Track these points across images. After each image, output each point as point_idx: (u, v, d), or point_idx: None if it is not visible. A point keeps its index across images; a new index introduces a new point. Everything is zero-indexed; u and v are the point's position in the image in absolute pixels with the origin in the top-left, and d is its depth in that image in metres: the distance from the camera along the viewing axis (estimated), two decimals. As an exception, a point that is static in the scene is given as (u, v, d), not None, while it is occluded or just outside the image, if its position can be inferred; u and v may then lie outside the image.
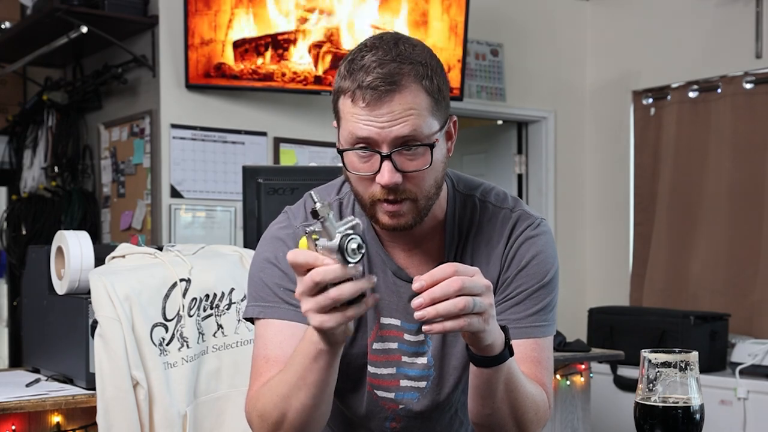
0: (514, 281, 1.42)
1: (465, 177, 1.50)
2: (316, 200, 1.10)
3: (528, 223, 1.45)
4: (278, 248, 1.42)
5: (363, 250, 1.10)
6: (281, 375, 1.30)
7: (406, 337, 1.43)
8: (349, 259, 1.10)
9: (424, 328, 1.14)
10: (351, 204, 1.47)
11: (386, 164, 1.28)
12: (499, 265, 1.43)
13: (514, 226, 1.44)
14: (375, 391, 1.46)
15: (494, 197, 1.47)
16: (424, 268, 1.41)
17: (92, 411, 2.22)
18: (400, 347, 1.43)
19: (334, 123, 1.39)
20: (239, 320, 2.41)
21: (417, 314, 1.13)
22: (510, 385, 1.29)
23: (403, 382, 1.45)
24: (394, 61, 1.28)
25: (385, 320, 1.43)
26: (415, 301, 1.13)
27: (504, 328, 1.25)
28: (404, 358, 1.44)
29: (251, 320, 1.44)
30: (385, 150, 1.28)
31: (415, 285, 1.13)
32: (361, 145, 1.29)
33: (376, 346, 1.43)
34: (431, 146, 1.30)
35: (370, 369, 1.45)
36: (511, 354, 1.26)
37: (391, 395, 1.46)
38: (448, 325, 1.14)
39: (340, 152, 1.33)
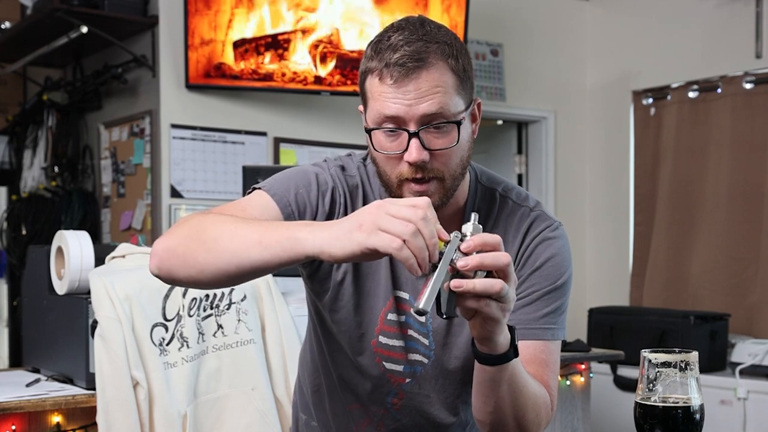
0: (528, 281, 1.42)
1: (489, 171, 1.53)
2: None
3: (546, 225, 1.46)
4: (316, 174, 1.43)
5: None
6: (248, 224, 1.21)
7: (413, 311, 1.43)
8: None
9: (453, 283, 1.11)
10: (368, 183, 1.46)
11: (414, 142, 1.30)
12: (513, 262, 1.43)
13: (531, 225, 1.45)
14: (384, 363, 1.46)
15: (515, 194, 1.49)
16: None
17: (92, 411, 2.22)
18: (407, 320, 1.44)
19: (360, 107, 1.40)
20: (239, 320, 2.41)
21: (455, 282, 1.11)
22: (513, 385, 1.29)
23: (411, 356, 1.46)
24: (420, 39, 1.30)
25: (398, 293, 1.44)
26: (461, 262, 1.11)
27: (510, 328, 1.25)
28: (410, 332, 1.45)
29: (255, 189, 1.41)
30: (412, 128, 1.30)
31: (464, 245, 1.11)
32: (389, 123, 1.31)
33: (390, 317, 1.44)
34: (458, 124, 1.33)
35: (381, 339, 1.45)
36: (516, 355, 1.25)
37: (400, 368, 1.46)
38: (471, 302, 1.13)
39: (368, 132, 1.35)
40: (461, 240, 1.12)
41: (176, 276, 1.25)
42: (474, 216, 1.15)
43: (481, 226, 1.14)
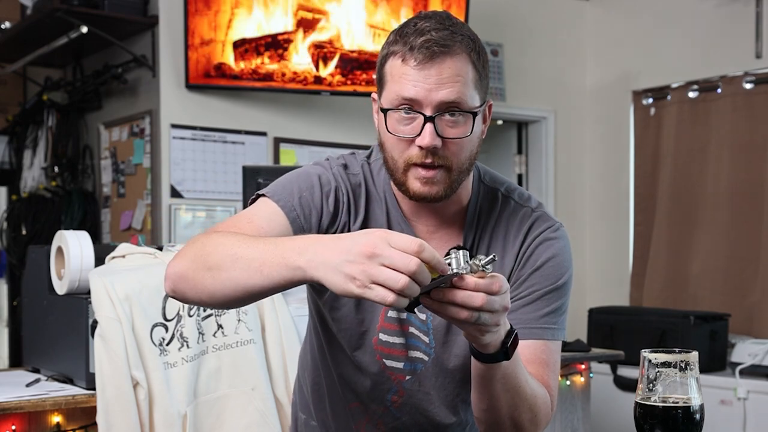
0: (528, 280, 1.43)
1: (492, 171, 1.53)
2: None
3: (547, 225, 1.47)
4: (318, 175, 1.43)
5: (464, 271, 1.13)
6: (247, 246, 1.20)
7: (414, 310, 1.44)
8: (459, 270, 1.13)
9: (422, 299, 1.13)
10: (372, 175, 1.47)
11: (428, 126, 1.31)
12: (514, 262, 1.45)
13: (532, 225, 1.46)
14: (384, 360, 1.47)
15: (518, 195, 1.50)
16: (441, 252, 1.43)
17: (92, 411, 2.22)
18: (408, 317, 1.45)
19: (374, 95, 1.41)
20: (239, 320, 2.41)
21: (424, 299, 1.13)
22: (508, 384, 1.29)
23: (412, 353, 1.46)
24: (447, 29, 1.32)
25: None
26: (438, 294, 1.12)
27: (509, 333, 1.25)
28: (411, 329, 1.45)
29: (259, 196, 1.41)
30: (428, 112, 1.31)
31: (457, 282, 1.12)
32: (406, 105, 1.32)
33: (390, 314, 1.45)
34: (474, 115, 1.33)
35: (382, 337, 1.46)
36: (506, 358, 1.25)
37: (400, 365, 1.47)
38: (441, 316, 1.15)
39: (384, 112, 1.35)
40: (457, 276, 1.13)
41: (189, 299, 1.28)
42: (491, 257, 1.14)
43: (490, 268, 1.14)
